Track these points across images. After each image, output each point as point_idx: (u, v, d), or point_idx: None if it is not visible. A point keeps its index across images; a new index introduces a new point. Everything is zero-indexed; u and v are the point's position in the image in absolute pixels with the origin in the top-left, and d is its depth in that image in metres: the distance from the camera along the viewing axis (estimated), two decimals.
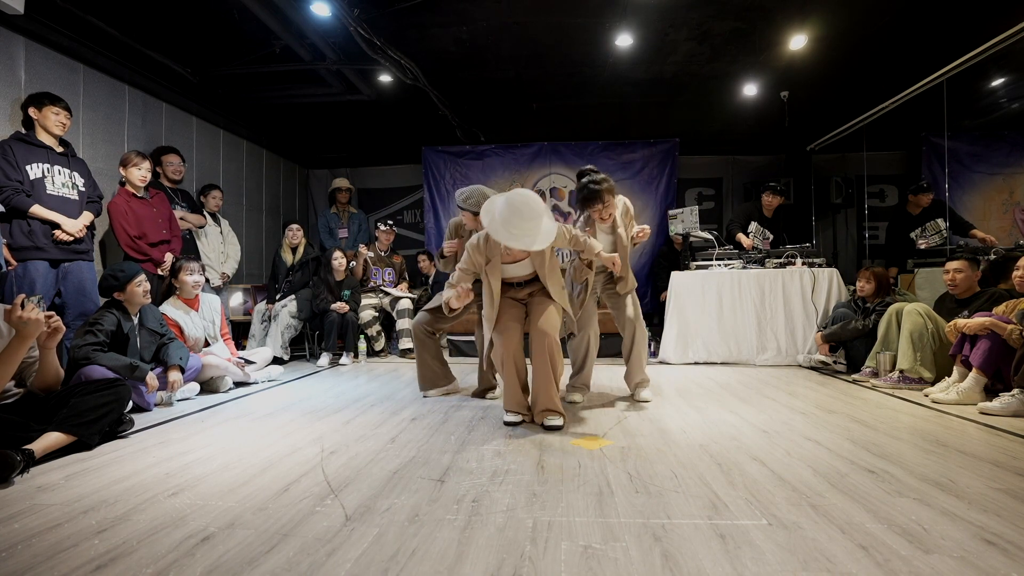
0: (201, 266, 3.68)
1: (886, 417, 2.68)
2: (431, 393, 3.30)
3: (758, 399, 3.14)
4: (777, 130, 6.10)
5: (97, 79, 4.03)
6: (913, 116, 5.64)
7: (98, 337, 2.78)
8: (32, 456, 1.92)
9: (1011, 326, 2.75)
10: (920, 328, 3.35)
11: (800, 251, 4.70)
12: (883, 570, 1.23)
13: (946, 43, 4.44)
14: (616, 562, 1.28)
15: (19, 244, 3.03)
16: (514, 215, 2.34)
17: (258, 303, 5.16)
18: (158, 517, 1.54)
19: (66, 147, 3.29)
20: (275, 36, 4.24)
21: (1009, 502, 1.60)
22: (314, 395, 3.37)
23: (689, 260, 4.94)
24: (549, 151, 6.76)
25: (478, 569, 1.25)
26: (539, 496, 1.69)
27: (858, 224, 6.88)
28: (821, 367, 4.18)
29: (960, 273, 3.37)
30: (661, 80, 5.53)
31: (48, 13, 3.50)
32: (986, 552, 1.31)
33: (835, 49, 4.81)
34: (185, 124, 5.06)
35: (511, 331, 2.63)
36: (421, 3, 4.04)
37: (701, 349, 4.56)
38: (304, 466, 2.00)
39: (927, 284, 4.50)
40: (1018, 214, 6.38)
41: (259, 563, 1.28)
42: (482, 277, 2.69)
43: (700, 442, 2.27)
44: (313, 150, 7.26)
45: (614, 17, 4.37)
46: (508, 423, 2.59)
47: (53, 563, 1.28)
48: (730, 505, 1.60)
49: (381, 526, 1.48)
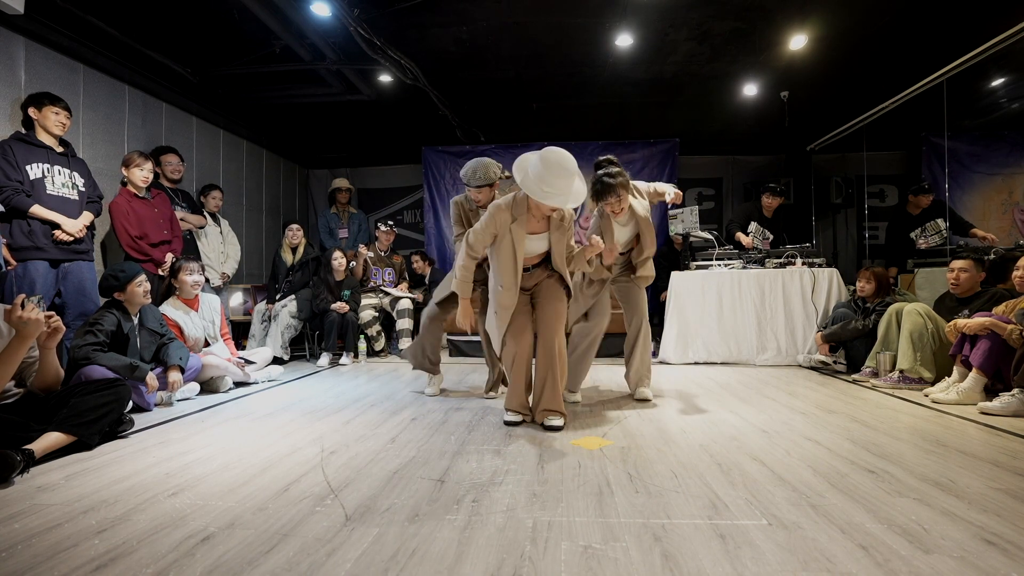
0: (201, 266, 3.68)
1: (886, 417, 2.68)
2: (418, 370, 3.40)
3: (758, 399, 3.14)
4: (777, 130, 6.10)
5: (97, 79, 4.03)
6: (913, 116, 5.63)
7: (98, 337, 2.78)
8: (32, 456, 1.92)
9: (1011, 326, 2.75)
10: (920, 328, 3.35)
11: (800, 251, 4.70)
12: (883, 570, 1.23)
13: (946, 43, 4.44)
14: (616, 562, 1.28)
15: (19, 244, 3.02)
16: (548, 171, 2.29)
17: (258, 303, 5.17)
18: (158, 517, 1.54)
19: (66, 147, 3.29)
20: (275, 36, 4.24)
21: (1009, 502, 1.60)
22: (314, 395, 3.37)
23: (689, 260, 4.95)
24: None
25: (478, 569, 1.25)
26: (539, 496, 1.69)
27: (858, 224, 6.88)
28: (821, 367, 4.18)
29: (964, 273, 3.37)
30: (661, 80, 5.53)
31: (48, 13, 3.50)
32: (986, 552, 1.31)
33: (835, 49, 4.81)
34: (185, 124, 5.06)
35: (526, 333, 2.62)
36: (421, 3, 4.04)
37: (701, 349, 4.56)
38: (304, 466, 2.00)
39: (927, 284, 4.50)
40: (1017, 214, 6.38)
41: (259, 563, 1.28)
42: (492, 257, 2.61)
43: (700, 442, 2.28)
44: (313, 150, 7.25)
45: (614, 17, 4.37)
46: (509, 423, 2.59)
47: (53, 563, 1.28)
48: (730, 505, 1.60)
49: (381, 526, 1.48)
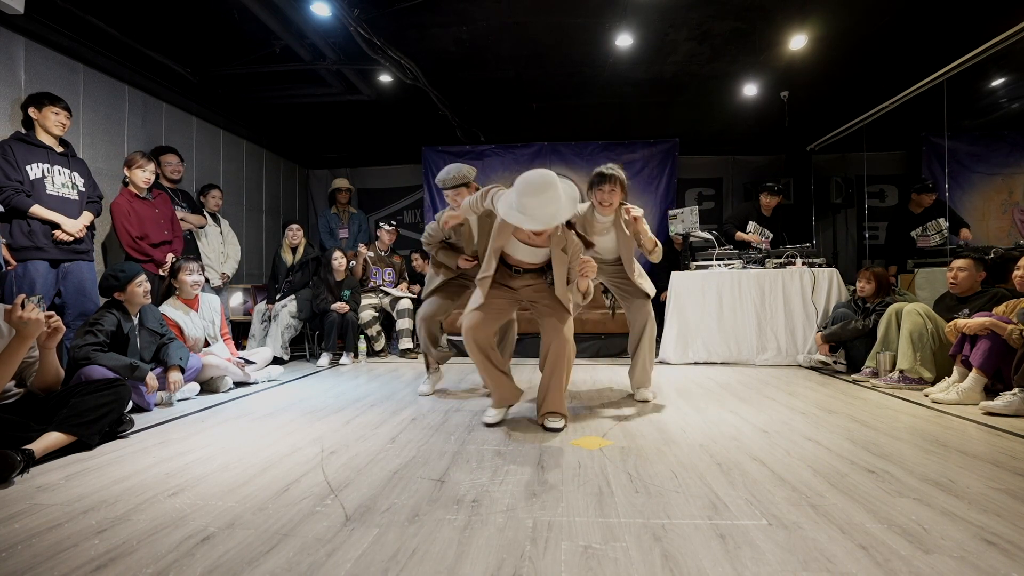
0: (200, 266, 3.68)
1: (886, 417, 2.68)
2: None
3: (758, 399, 3.14)
4: (777, 130, 6.10)
5: (97, 79, 4.03)
6: (913, 116, 5.63)
7: (98, 337, 2.78)
8: (32, 456, 1.92)
9: (1011, 326, 2.75)
10: (920, 328, 3.35)
11: (800, 251, 4.70)
12: (883, 570, 1.23)
13: (946, 43, 4.43)
14: (616, 562, 1.28)
15: (19, 244, 3.02)
16: (521, 194, 2.21)
17: (258, 303, 5.17)
18: (158, 517, 1.54)
19: (66, 147, 3.29)
20: (275, 36, 4.24)
21: (1009, 502, 1.60)
22: (314, 395, 3.37)
23: (689, 260, 4.94)
24: (549, 151, 6.76)
25: (478, 569, 1.25)
26: (539, 496, 1.69)
27: (858, 224, 6.88)
28: (821, 367, 4.17)
29: (963, 272, 3.37)
30: (661, 80, 5.53)
31: (48, 13, 3.50)
32: (986, 552, 1.31)
33: (835, 49, 4.81)
34: (185, 124, 5.06)
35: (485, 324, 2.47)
36: (421, 3, 4.04)
37: (701, 349, 4.56)
38: (304, 466, 2.00)
39: (927, 284, 4.50)
40: (1017, 214, 6.38)
41: (259, 563, 1.28)
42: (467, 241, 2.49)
43: (700, 442, 2.27)
44: (313, 150, 7.25)
45: (614, 17, 4.37)
46: (489, 424, 2.56)
47: (53, 563, 1.28)
48: (730, 505, 1.60)
49: (381, 526, 1.48)
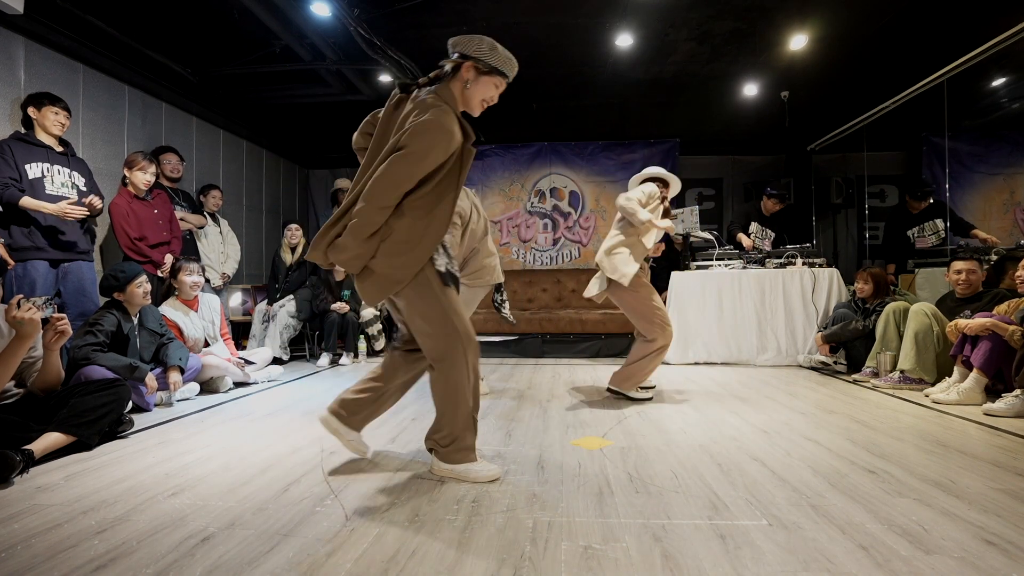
0: (200, 267, 3.67)
1: (886, 417, 2.68)
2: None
3: (758, 399, 3.14)
4: (777, 130, 6.10)
5: (97, 79, 4.03)
6: (913, 116, 5.63)
7: (98, 337, 2.77)
8: (32, 456, 1.92)
9: (1012, 327, 2.75)
10: (926, 329, 3.34)
11: (800, 251, 4.70)
12: (883, 570, 1.23)
13: (946, 43, 4.44)
14: (616, 562, 1.28)
15: (19, 244, 3.02)
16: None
17: (258, 303, 5.17)
18: (158, 517, 1.54)
19: (66, 147, 3.29)
20: (275, 36, 4.24)
21: (1009, 502, 1.60)
22: (314, 395, 3.37)
23: (689, 260, 4.95)
24: (549, 151, 6.76)
25: (478, 569, 1.25)
26: (539, 496, 1.69)
27: (858, 224, 6.87)
28: (821, 367, 4.17)
29: (973, 274, 3.37)
30: (661, 80, 5.53)
31: (48, 13, 3.50)
32: (986, 552, 1.31)
33: (835, 49, 4.81)
34: (185, 124, 5.06)
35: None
36: (421, 3, 4.04)
37: (701, 349, 4.55)
38: (304, 466, 2.00)
39: (927, 284, 4.50)
40: (1018, 214, 6.38)
41: (259, 563, 1.28)
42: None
43: (700, 442, 2.27)
44: (313, 150, 7.25)
45: (614, 17, 4.36)
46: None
47: (53, 563, 1.28)
48: (730, 505, 1.60)
49: (381, 526, 1.48)
